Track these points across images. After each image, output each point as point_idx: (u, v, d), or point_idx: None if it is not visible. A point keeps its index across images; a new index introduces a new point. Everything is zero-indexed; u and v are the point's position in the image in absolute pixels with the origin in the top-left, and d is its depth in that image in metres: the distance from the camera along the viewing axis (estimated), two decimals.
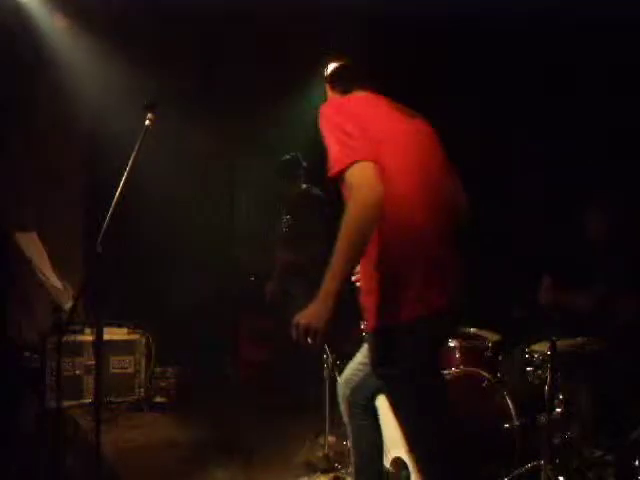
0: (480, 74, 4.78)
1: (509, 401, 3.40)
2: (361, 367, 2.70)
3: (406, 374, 2.27)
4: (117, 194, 2.73)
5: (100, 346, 2.77)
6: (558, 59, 4.52)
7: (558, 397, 3.25)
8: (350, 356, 2.86)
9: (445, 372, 3.62)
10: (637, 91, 4.17)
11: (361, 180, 2.12)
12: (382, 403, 3.30)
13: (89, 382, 4.54)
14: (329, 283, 2.10)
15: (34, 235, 3.94)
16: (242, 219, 6.01)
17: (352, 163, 2.14)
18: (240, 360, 5.28)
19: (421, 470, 2.38)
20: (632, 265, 3.68)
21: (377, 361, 2.36)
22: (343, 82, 2.55)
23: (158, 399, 4.82)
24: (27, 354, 4.36)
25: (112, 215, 2.70)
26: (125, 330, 4.75)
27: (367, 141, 2.20)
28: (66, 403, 4.35)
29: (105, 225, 2.69)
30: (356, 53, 2.69)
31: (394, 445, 3.19)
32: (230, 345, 5.35)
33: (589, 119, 4.40)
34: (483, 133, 4.71)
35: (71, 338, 4.43)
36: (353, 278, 2.50)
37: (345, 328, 4.15)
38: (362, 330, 3.88)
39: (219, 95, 5.02)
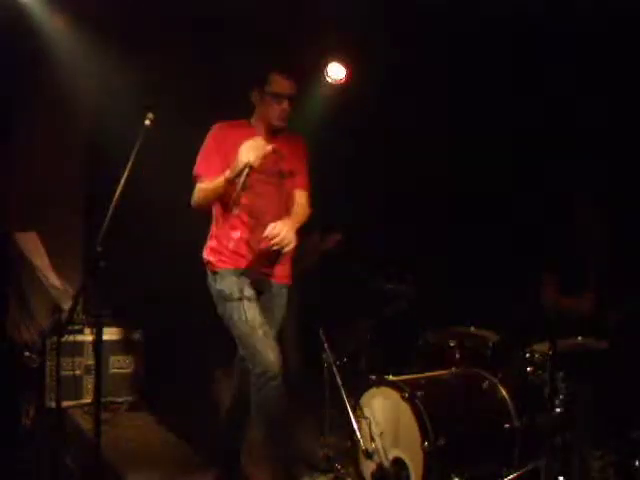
0: None
1: (509, 401, 3.40)
2: None
3: None
4: (117, 194, 2.73)
5: (100, 346, 2.77)
6: None
7: (558, 397, 3.25)
8: (350, 355, 2.85)
9: (445, 372, 3.63)
10: None
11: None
12: (379, 402, 3.31)
13: (89, 382, 4.54)
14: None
15: (34, 235, 3.93)
16: None
17: None
18: None
19: None
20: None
21: None
22: None
23: None
24: (27, 354, 4.36)
25: (112, 215, 2.70)
26: (125, 330, 4.75)
27: None
28: (66, 403, 4.35)
29: (105, 225, 2.69)
30: None
31: (394, 445, 3.20)
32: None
33: None
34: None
35: (71, 338, 4.43)
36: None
37: (345, 328, 4.16)
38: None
39: (220, 95, 5.01)
